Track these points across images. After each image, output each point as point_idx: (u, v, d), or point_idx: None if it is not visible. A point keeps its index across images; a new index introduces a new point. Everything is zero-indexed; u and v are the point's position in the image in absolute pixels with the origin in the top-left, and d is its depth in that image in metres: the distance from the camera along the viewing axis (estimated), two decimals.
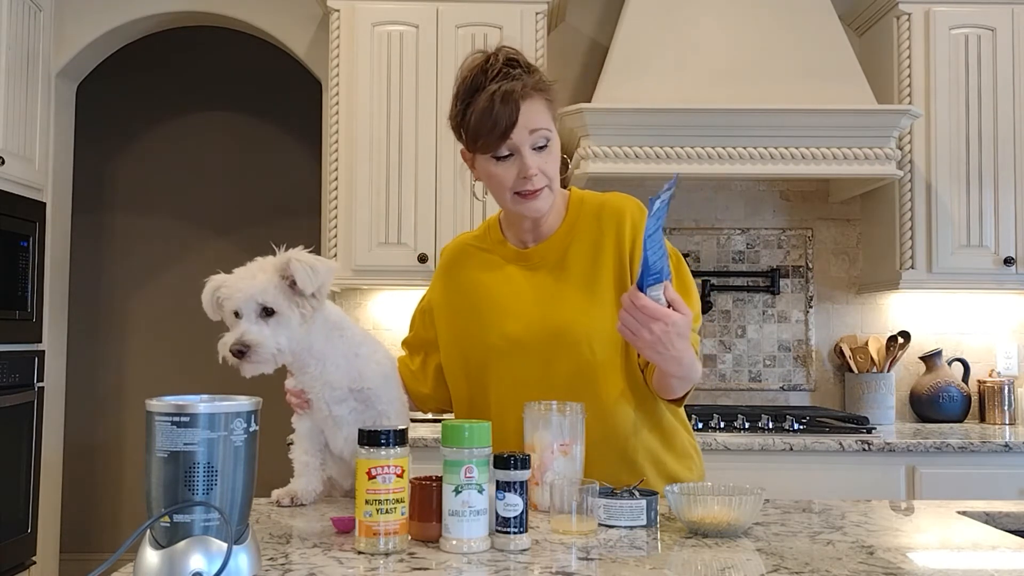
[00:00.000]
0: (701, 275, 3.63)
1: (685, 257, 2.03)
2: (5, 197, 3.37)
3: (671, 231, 3.65)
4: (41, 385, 3.66)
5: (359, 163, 3.32)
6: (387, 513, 1.24)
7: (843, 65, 3.28)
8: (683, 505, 1.38)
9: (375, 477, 1.24)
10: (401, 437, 1.27)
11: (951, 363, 3.60)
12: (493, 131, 1.55)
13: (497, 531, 1.28)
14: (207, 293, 1.54)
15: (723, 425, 3.09)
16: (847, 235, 3.73)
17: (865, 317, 3.70)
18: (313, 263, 1.50)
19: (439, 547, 1.27)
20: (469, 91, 1.59)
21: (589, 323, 1.63)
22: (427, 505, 1.30)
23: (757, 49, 3.29)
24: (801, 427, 3.08)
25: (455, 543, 1.25)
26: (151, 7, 3.77)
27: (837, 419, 3.22)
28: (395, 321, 3.62)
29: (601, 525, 1.40)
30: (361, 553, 1.25)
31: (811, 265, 3.71)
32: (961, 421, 3.53)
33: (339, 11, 3.37)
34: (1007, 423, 3.47)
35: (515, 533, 1.27)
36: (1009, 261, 3.29)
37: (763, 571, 1.17)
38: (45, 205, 3.71)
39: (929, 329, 3.66)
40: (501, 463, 1.28)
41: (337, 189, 3.34)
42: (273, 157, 5.07)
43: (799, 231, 3.72)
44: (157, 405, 1.10)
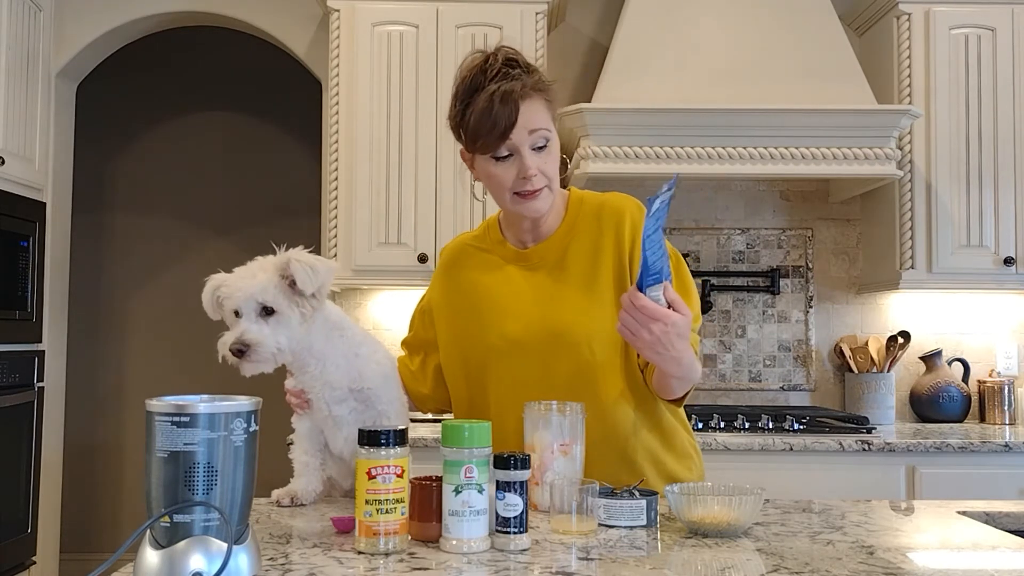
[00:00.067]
0: (701, 275, 3.63)
1: (685, 257, 2.03)
2: (5, 197, 3.37)
3: (671, 231, 3.65)
4: (41, 385, 3.66)
5: (359, 163, 3.32)
6: (387, 513, 1.24)
7: (843, 65, 3.28)
8: (683, 505, 1.38)
9: (375, 477, 1.24)
10: (401, 437, 1.27)
11: (951, 363, 3.60)
12: (492, 131, 1.55)
13: (497, 531, 1.28)
14: (207, 292, 1.54)
15: (723, 425, 3.09)
16: (847, 235, 3.73)
17: (865, 317, 3.70)
18: (313, 263, 1.50)
19: (439, 547, 1.27)
20: (468, 91, 1.58)
21: (589, 323, 1.63)
22: (427, 505, 1.30)
23: (757, 49, 3.29)
24: (801, 427, 3.08)
25: (455, 543, 1.25)
26: (151, 7, 3.77)
27: (837, 419, 3.22)
28: (395, 321, 3.62)
29: (601, 525, 1.40)
30: (361, 553, 1.25)
31: (811, 265, 3.71)
32: (961, 421, 3.53)
33: (339, 11, 3.37)
34: (1007, 423, 3.47)
35: (515, 533, 1.27)
36: (1009, 261, 3.29)
37: (763, 571, 1.17)
38: (45, 205, 3.71)
39: (929, 329, 3.66)
40: (501, 463, 1.28)
41: (337, 189, 3.34)
42: (273, 157, 5.07)
43: (799, 231, 3.72)
44: (157, 405, 1.10)
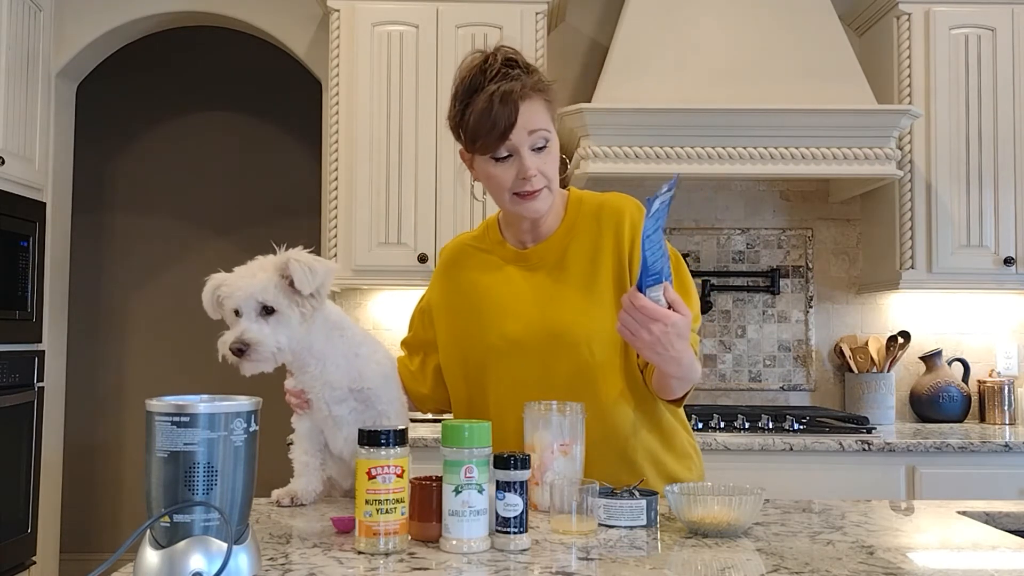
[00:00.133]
0: (701, 275, 3.63)
1: (685, 257, 2.03)
2: (5, 197, 3.37)
3: (671, 231, 3.64)
4: (41, 385, 3.66)
5: (359, 163, 3.32)
6: (387, 513, 1.24)
7: (843, 65, 3.28)
8: (683, 505, 1.38)
9: (375, 477, 1.24)
10: (401, 437, 1.27)
11: (951, 363, 3.59)
12: (492, 132, 1.54)
13: (497, 531, 1.28)
14: (207, 291, 1.54)
15: (723, 425, 3.09)
16: (847, 235, 3.73)
17: (865, 317, 3.70)
18: (312, 263, 1.50)
19: (439, 547, 1.27)
20: (468, 91, 1.58)
21: (588, 324, 1.63)
22: (427, 505, 1.30)
23: (757, 49, 3.29)
24: (801, 427, 3.08)
25: (455, 543, 1.25)
26: (151, 7, 3.77)
27: (837, 419, 3.22)
28: (395, 321, 3.62)
29: (601, 525, 1.40)
30: (361, 553, 1.25)
31: (811, 265, 3.71)
32: (961, 421, 3.53)
33: (339, 11, 3.37)
34: (1007, 423, 3.47)
35: (515, 533, 1.27)
36: (1009, 261, 3.29)
37: (763, 571, 1.17)
38: (45, 205, 3.71)
39: (929, 329, 3.66)
40: (501, 463, 1.28)
41: (337, 189, 3.34)
42: (273, 157, 5.07)
43: (799, 231, 3.72)
44: (157, 405, 1.10)
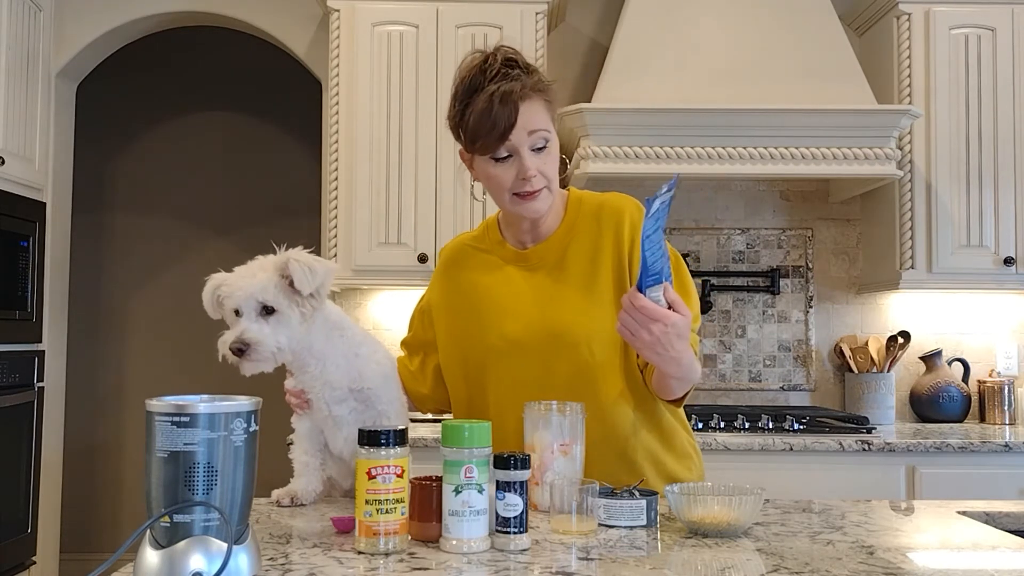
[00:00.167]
0: (701, 275, 3.63)
1: (685, 257, 2.03)
2: (5, 197, 3.37)
3: (671, 231, 3.64)
4: (41, 385, 3.66)
5: (359, 163, 3.32)
6: (387, 513, 1.24)
7: (843, 65, 3.28)
8: (683, 505, 1.38)
9: (375, 477, 1.24)
10: (401, 437, 1.27)
11: (951, 363, 3.59)
12: (492, 132, 1.54)
13: (497, 531, 1.28)
14: (207, 291, 1.54)
15: (723, 425, 3.09)
16: (847, 235, 3.73)
17: (865, 317, 3.70)
18: (311, 263, 1.50)
19: (439, 547, 1.27)
20: (467, 91, 1.58)
21: (588, 324, 1.63)
22: (427, 505, 1.30)
23: (757, 49, 3.29)
24: (801, 427, 3.08)
25: (455, 543, 1.25)
26: (151, 7, 3.77)
27: (837, 419, 3.22)
28: (395, 321, 3.62)
29: (601, 525, 1.40)
30: (361, 553, 1.25)
31: (811, 265, 3.71)
32: (961, 421, 3.53)
33: (339, 11, 3.37)
34: (1007, 423, 3.47)
35: (515, 533, 1.27)
36: (1009, 261, 3.29)
37: (763, 571, 1.17)
38: (45, 205, 3.71)
39: (929, 329, 3.66)
40: (501, 463, 1.28)
41: (337, 189, 3.34)
42: (273, 157, 5.06)
43: (799, 231, 3.72)
44: (157, 405, 1.10)
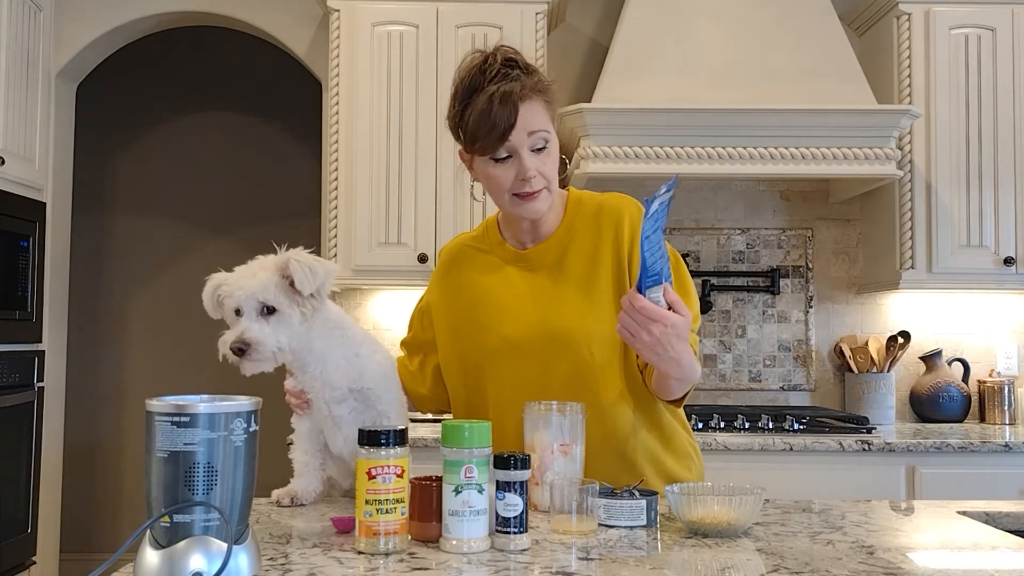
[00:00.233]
0: (701, 275, 3.63)
1: (685, 257, 2.03)
2: (5, 197, 3.37)
3: (671, 231, 3.64)
4: (41, 385, 3.66)
5: (359, 163, 3.32)
6: (387, 513, 1.24)
7: (843, 65, 3.28)
8: (683, 505, 1.38)
9: (375, 477, 1.24)
10: (401, 437, 1.26)
11: (951, 363, 3.59)
12: (491, 133, 1.54)
13: (497, 531, 1.28)
14: (208, 291, 1.54)
15: (723, 425, 3.09)
16: (847, 235, 3.73)
17: (865, 317, 3.70)
18: (312, 264, 1.50)
19: (439, 547, 1.27)
20: (467, 92, 1.57)
21: (588, 325, 1.63)
22: (427, 505, 1.30)
23: (757, 49, 3.29)
24: (801, 427, 3.08)
25: (455, 543, 1.25)
26: (151, 7, 3.77)
27: (837, 419, 3.22)
28: (395, 321, 3.62)
29: (601, 525, 1.40)
30: (361, 553, 1.25)
31: (811, 265, 3.71)
32: (961, 421, 3.53)
33: (339, 11, 3.37)
34: (1007, 423, 3.47)
35: (515, 533, 1.27)
36: (1009, 261, 3.29)
37: (763, 571, 1.17)
38: (45, 205, 3.71)
39: (929, 329, 3.66)
40: (501, 463, 1.28)
41: (337, 189, 3.34)
42: (273, 157, 5.06)
43: (799, 231, 3.72)
44: (157, 405, 1.10)
